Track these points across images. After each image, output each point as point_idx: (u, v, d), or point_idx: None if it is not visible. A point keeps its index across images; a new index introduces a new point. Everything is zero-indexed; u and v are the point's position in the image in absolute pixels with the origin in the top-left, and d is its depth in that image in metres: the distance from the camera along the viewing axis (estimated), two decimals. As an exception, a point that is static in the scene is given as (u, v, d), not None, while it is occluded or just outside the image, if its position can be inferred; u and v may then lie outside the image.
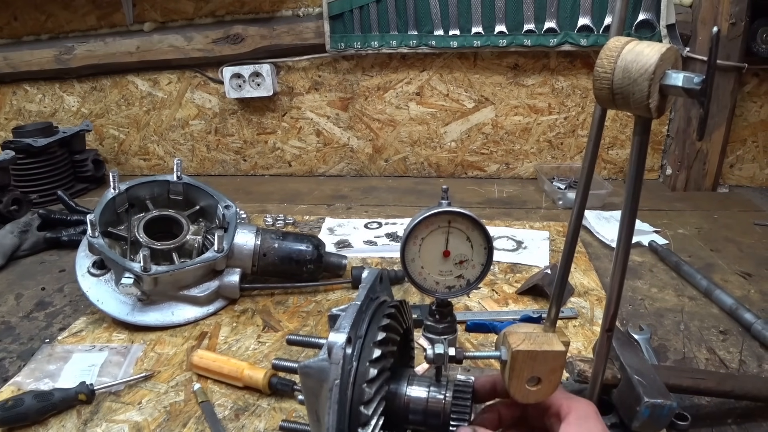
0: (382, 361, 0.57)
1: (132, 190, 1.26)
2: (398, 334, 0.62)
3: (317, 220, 1.65)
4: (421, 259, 0.72)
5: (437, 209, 0.71)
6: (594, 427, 0.58)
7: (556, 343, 0.57)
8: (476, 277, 0.74)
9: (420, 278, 0.72)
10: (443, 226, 0.71)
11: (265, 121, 2.13)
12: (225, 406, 0.90)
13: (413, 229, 0.70)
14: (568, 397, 0.61)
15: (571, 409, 0.59)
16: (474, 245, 0.71)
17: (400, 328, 0.63)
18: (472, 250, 0.72)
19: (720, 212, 1.74)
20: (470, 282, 0.73)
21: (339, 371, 0.53)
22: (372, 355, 0.56)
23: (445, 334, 0.72)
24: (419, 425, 0.64)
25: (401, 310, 0.64)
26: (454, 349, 0.58)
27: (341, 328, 0.55)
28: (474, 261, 0.72)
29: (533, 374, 0.57)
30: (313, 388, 0.58)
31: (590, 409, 0.60)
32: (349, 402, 0.55)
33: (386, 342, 0.58)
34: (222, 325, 1.13)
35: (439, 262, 0.72)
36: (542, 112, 1.99)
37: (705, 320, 1.14)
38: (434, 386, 0.63)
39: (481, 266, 0.72)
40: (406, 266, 0.72)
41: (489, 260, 0.71)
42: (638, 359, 0.80)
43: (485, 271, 0.72)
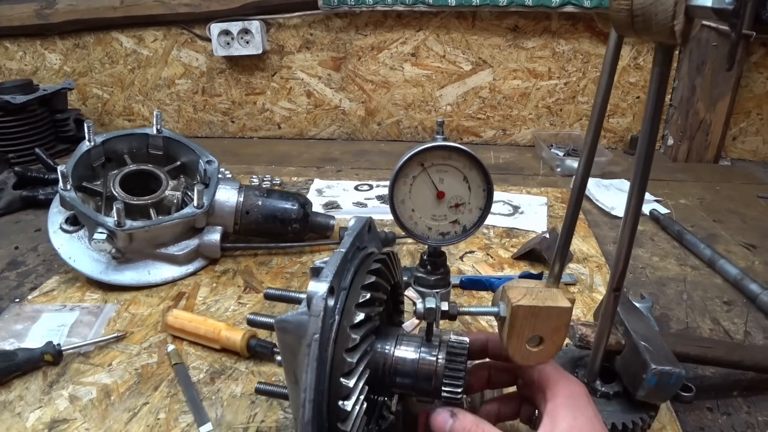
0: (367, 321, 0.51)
1: (109, 144, 1.19)
2: (386, 290, 0.56)
3: (305, 182, 1.58)
4: (412, 200, 0.63)
5: (431, 143, 0.64)
6: (584, 408, 0.52)
7: (561, 299, 0.52)
8: (473, 223, 0.65)
9: (411, 223, 0.64)
10: (438, 163, 0.63)
11: (254, 81, 2.05)
12: (200, 368, 0.85)
13: (403, 166, 0.63)
14: (558, 374, 0.55)
15: (560, 388, 0.54)
16: (472, 186, 0.63)
17: (389, 283, 0.57)
18: (469, 192, 0.63)
19: (722, 184, 1.70)
20: (467, 228, 0.65)
21: (319, 324, 0.47)
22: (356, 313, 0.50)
23: (437, 287, 0.65)
24: (408, 389, 0.58)
25: (390, 262, 0.57)
26: (447, 303, 0.52)
27: (323, 277, 0.49)
28: (471, 204, 0.64)
29: (535, 333, 0.51)
30: (291, 345, 0.52)
31: (580, 388, 0.54)
32: (330, 360, 0.49)
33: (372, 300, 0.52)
34: (201, 286, 1.07)
35: (432, 204, 0.63)
36: (542, 77, 1.92)
37: (708, 290, 1.09)
38: (425, 347, 0.57)
39: (479, 210, 0.64)
40: (395, 209, 0.64)
41: (488, 204, 0.64)
42: (644, 324, 0.74)
43: (484, 216, 0.64)
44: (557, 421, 0.51)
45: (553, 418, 0.51)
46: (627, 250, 0.60)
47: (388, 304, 0.64)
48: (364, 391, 0.50)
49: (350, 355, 0.49)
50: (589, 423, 0.51)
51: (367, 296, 0.50)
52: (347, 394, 0.49)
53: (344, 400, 0.49)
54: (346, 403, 0.49)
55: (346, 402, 0.49)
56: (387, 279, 0.56)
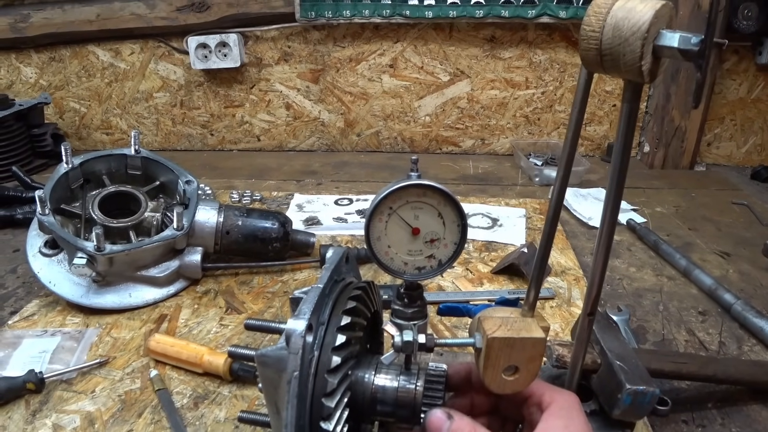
0: (346, 348, 0.52)
1: (87, 165, 1.18)
2: (365, 318, 0.57)
3: (286, 197, 1.58)
4: (387, 237, 0.64)
5: (405, 182, 0.65)
6: (577, 418, 0.54)
7: (535, 329, 0.53)
8: (448, 258, 0.67)
9: (387, 258, 0.65)
10: (412, 201, 0.64)
11: (233, 94, 2.05)
12: (184, 393, 0.85)
13: (379, 204, 0.63)
14: (551, 388, 0.57)
15: (554, 399, 0.55)
16: (446, 222, 0.64)
17: (368, 312, 0.58)
18: (444, 228, 0.65)
19: (698, 191, 1.73)
20: (442, 263, 0.66)
21: (298, 362, 0.48)
22: (335, 342, 0.51)
23: (414, 320, 0.66)
24: (388, 416, 0.59)
25: (369, 291, 0.58)
26: (425, 335, 0.53)
27: (301, 314, 0.50)
28: (446, 240, 0.65)
29: (510, 363, 0.52)
30: (272, 379, 0.52)
31: (573, 399, 0.56)
32: (311, 395, 0.50)
33: (351, 327, 0.53)
34: (183, 307, 1.07)
35: (407, 240, 0.64)
36: (519, 87, 1.94)
37: (684, 301, 1.12)
38: (404, 375, 0.58)
39: (454, 245, 0.65)
40: (371, 245, 0.65)
41: (463, 239, 0.65)
42: (619, 343, 0.76)
43: (458, 250, 0.65)
44: (550, 430, 0.52)
45: (546, 427, 0.52)
46: (600, 275, 0.62)
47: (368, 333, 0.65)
48: (345, 412, 0.51)
49: (332, 377, 0.50)
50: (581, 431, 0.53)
51: (347, 321, 0.51)
52: (329, 415, 0.49)
53: (326, 421, 0.49)
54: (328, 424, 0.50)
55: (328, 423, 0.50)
56: (367, 306, 0.57)
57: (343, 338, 0.51)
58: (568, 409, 0.55)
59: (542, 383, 0.58)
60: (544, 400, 0.56)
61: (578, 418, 0.54)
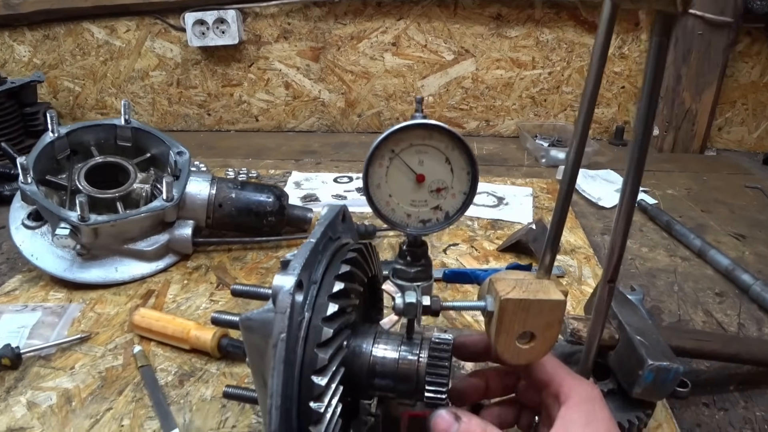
0: (339, 318, 0.46)
1: (74, 135, 1.12)
2: (362, 283, 0.51)
3: (283, 174, 1.52)
4: (388, 185, 0.56)
5: (409, 122, 0.57)
6: (600, 412, 0.48)
7: (554, 291, 0.47)
8: (457, 209, 0.58)
9: (387, 209, 0.57)
10: (417, 143, 0.56)
11: (231, 73, 1.99)
12: (168, 371, 0.79)
13: (379, 147, 0.56)
14: (570, 377, 0.51)
15: (573, 391, 0.49)
16: (455, 169, 0.56)
17: (365, 277, 0.52)
18: (452, 176, 0.56)
19: (709, 174, 1.67)
20: (449, 215, 0.57)
21: (285, 322, 0.42)
22: (328, 305, 0.45)
23: (418, 280, 0.58)
24: (388, 391, 0.53)
25: (366, 254, 0.53)
26: (429, 297, 0.47)
27: (290, 270, 0.44)
28: (454, 189, 0.57)
29: (525, 329, 0.47)
30: (258, 346, 0.47)
31: (595, 392, 0.50)
32: (300, 362, 0.44)
33: (345, 294, 0.47)
34: (171, 283, 1.02)
35: (411, 189, 0.56)
36: (525, 66, 1.88)
37: (700, 281, 1.06)
38: (406, 345, 0.52)
39: (462, 195, 0.57)
40: (370, 194, 0.57)
41: (473, 189, 0.57)
42: (638, 318, 0.70)
43: (467, 202, 0.57)
44: (570, 427, 0.46)
45: (565, 424, 0.47)
46: (622, 238, 0.56)
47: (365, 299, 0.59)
48: (338, 392, 0.45)
49: (323, 351, 0.44)
50: (604, 429, 0.47)
51: (341, 287, 0.46)
52: (320, 394, 0.44)
53: (316, 401, 0.44)
54: (319, 404, 0.44)
55: (319, 403, 0.44)
56: (363, 270, 0.51)
57: (335, 307, 0.45)
58: (589, 403, 0.48)
59: (562, 369, 0.52)
60: (562, 392, 0.49)
61: (601, 412, 0.48)
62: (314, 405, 0.44)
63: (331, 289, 0.46)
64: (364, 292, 0.59)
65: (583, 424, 0.47)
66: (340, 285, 0.46)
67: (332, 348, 0.44)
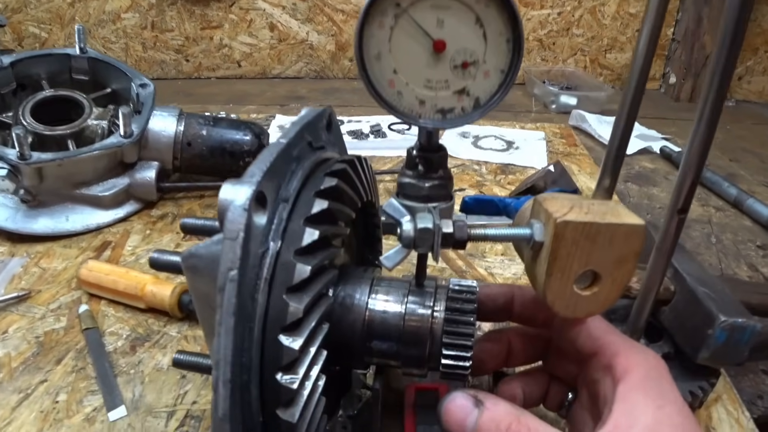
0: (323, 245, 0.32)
1: (20, 66, 0.97)
2: (354, 206, 0.36)
3: (266, 118, 1.37)
4: (392, 55, 0.36)
5: None
6: (670, 392, 0.35)
7: (626, 213, 0.33)
8: (491, 95, 0.38)
9: (391, 92, 0.36)
10: None
11: (210, 14, 1.81)
12: (119, 334, 0.66)
13: None
14: (627, 343, 0.38)
15: (633, 363, 0.36)
16: (489, 34, 0.36)
17: (358, 198, 0.37)
18: (484, 44, 0.36)
19: (733, 125, 1.54)
20: (480, 102, 0.37)
21: (237, 253, 0.28)
22: (304, 231, 0.31)
23: (434, 200, 0.38)
24: (389, 358, 0.40)
25: (361, 168, 0.38)
26: (452, 222, 0.32)
27: (246, 178, 0.29)
28: (488, 64, 0.37)
29: (588, 267, 0.32)
30: (207, 295, 0.33)
31: (660, 364, 0.37)
32: (262, 315, 0.30)
33: (332, 214, 0.33)
34: (132, 233, 0.87)
35: (425, 63, 0.36)
36: (533, 6, 1.72)
37: (739, 233, 0.95)
38: (415, 295, 0.38)
39: (500, 74, 0.37)
40: (366, 70, 0.36)
41: (515, 65, 0.37)
42: (697, 266, 0.57)
43: (507, 84, 0.38)
44: (636, 412, 0.33)
45: (628, 407, 0.33)
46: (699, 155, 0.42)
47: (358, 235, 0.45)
48: (320, 358, 0.31)
49: (296, 299, 0.30)
50: (679, 414, 0.34)
51: (323, 207, 0.31)
52: (292, 362, 0.30)
53: (287, 372, 0.30)
54: (291, 377, 0.30)
55: (291, 375, 0.30)
56: (356, 190, 0.36)
57: (314, 234, 0.31)
58: (655, 379, 0.36)
59: (614, 333, 0.39)
60: (618, 364, 0.36)
61: (671, 391, 0.35)
62: (284, 378, 0.30)
63: (309, 210, 0.31)
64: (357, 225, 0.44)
65: (654, 408, 0.34)
66: (323, 204, 0.31)
67: (310, 294, 0.30)
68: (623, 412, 0.34)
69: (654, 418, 0.33)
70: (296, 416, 0.30)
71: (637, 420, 0.32)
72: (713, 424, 0.55)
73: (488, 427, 0.33)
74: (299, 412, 0.30)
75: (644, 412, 0.33)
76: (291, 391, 0.29)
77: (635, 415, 0.33)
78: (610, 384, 0.37)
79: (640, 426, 0.32)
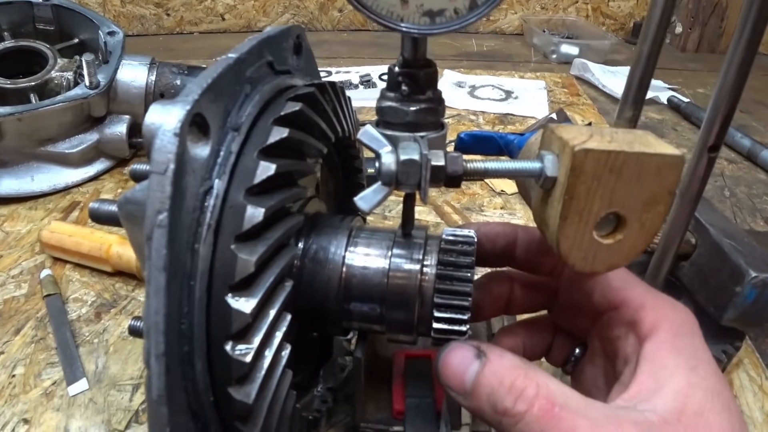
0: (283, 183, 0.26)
1: (-21, 16, 0.89)
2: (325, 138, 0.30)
3: (250, 72, 1.29)
4: None
5: None
6: (702, 351, 0.30)
7: (658, 143, 0.27)
8: None
9: None
10: None
11: (191, -36, 1.72)
12: (84, 300, 0.60)
13: None
14: (653, 295, 0.32)
15: (662, 318, 0.31)
16: None
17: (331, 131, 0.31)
18: None
19: (748, 72, 1.46)
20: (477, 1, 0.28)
21: (168, 191, 0.21)
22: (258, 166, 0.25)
23: (422, 128, 0.31)
24: (372, 322, 0.34)
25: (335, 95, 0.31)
26: (443, 154, 0.26)
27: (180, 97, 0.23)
28: None
29: (612, 208, 0.26)
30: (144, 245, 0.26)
31: (692, 319, 0.32)
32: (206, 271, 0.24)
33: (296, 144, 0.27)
34: (102, 193, 0.81)
35: None
36: (533, -49, 1.63)
37: (753, 186, 0.91)
38: (401, 247, 0.32)
39: None
40: None
41: None
42: (722, 218, 0.51)
43: None
44: (665, 374, 0.28)
45: (656, 368, 0.28)
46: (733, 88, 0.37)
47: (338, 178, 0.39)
48: (282, 324, 0.25)
49: (246, 250, 0.24)
50: (713, 376, 0.28)
51: (282, 135, 0.25)
52: (243, 330, 0.24)
53: (237, 341, 0.24)
54: (243, 347, 0.24)
55: (243, 345, 0.24)
56: (327, 120, 0.30)
57: (270, 169, 0.25)
58: (687, 337, 0.30)
59: (637, 283, 0.33)
60: (645, 319, 0.31)
61: (705, 353, 0.30)
62: (235, 349, 0.24)
63: (266, 140, 0.25)
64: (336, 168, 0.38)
65: (687, 369, 0.28)
66: (282, 132, 0.25)
67: (265, 244, 0.24)
68: (650, 374, 0.28)
69: (687, 381, 0.27)
70: (252, 395, 0.24)
71: (666, 383, 0.27)
72: (735, 392, 0.50)
73: (489, 381, 0.28)
74: (256, 390, 0.24)
75: (675, 374, 0.28)
76: (243, 364, 0.24)
77: (664, 378, 0.28)
78: (634, 342, 0.31)
79: (669, 389, 0.27)
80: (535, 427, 0.26)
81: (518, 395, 0.27)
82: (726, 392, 0.28)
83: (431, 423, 0.36)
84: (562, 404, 0.26)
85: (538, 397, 0.27)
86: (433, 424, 0.36)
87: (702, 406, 0.27)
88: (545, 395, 0.27)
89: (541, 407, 0.26)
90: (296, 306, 0.27)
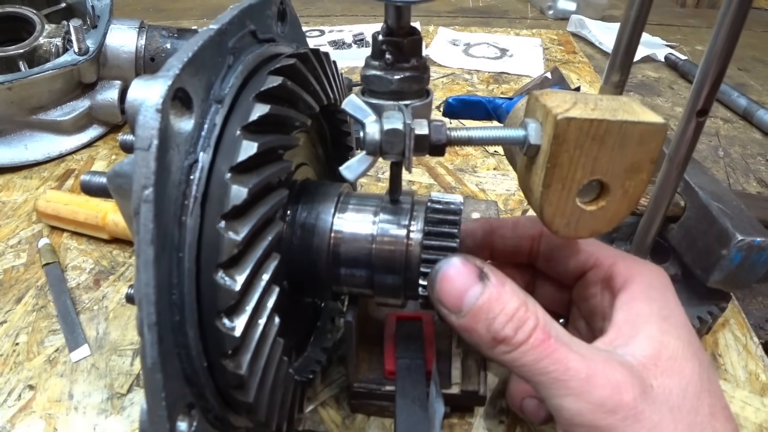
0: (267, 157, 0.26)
1: (-38, -20, 0.87)
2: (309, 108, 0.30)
3: (242, 34, 1.28)
4: None
5: None
6: (675, 306, 0.31)
7: (642, 110, 0.27)
8: None
9: None
10: None
11: None
12: (83, 268, 0.61)
13: None
14: (624, 257, 0.34)
15: (635, 274, 0.32)
16: None
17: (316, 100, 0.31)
18: None
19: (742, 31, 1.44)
20: None
21: (152, 166, 0.22)
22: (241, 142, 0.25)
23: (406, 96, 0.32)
24: (361, 286, 0.34)
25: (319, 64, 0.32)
26: (426, 123, 0.26)
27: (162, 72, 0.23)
28: None
29: (594, 175, 0.27)
30: (135, 221, 0.27)
31: (664, 277, 0.33)
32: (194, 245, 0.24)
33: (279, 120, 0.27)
34: (96, 159, 0.81)
35: None
36: None
37: (748, 146, 0.91)
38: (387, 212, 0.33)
39: None
40: None
41: None
42: (710, 179, 0.51)
43: None
44: (639, 321, 0.29)
45: (631, 317, 0.30)
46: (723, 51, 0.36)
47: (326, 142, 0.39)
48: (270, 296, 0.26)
49: (233, 225, 0.24)
50: (684, 327, 0.30)
51: (265, 111, 0.25)
52: (234, 305, 0.24)
53: (228, 316, 0.24)
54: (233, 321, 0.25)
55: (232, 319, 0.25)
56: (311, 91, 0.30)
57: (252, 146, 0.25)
58: (660, 290, 0.32)
59: (609, 248, 0.35)
60: (618, 274, 0.32)
61: (677, 306, 0.31)
62: (224, 325, 0.24)
63: (249, 115, 0.25)
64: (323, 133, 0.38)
65: (659, 318, 0.30)
66: (263, 109, 0.25)
67: (250, 222, 0.24)
68: (625, 322, 0.29)
69: (660, 328, 0.28)
70: (244, 366, 0.25)
71: (641, 329, 0.28)
72: (720, 351, 0.51)
73: (492, 308, 0.28)
74: (248, 361, 0.25)
75: (649, 321, 0.29)
76: (234, 338, 0.24)
77: (639, 325, 0.29)
78: (609, 297, 0.32)
79: (643, 335, 0.28)
80: (530, 356, 0.27)
81: (520, 325, 0.27)
82: (695, 342, 0.30)
83: (421, 383, 0.37)
84: (556, 337, 0.27)
85: (537, 328, 0.27)
86: (424, 383, 0.37)
87: (675, 352, 0.28)
88: (542, 327, 0.28)
89: (537, 338, 0.27)
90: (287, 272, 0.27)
